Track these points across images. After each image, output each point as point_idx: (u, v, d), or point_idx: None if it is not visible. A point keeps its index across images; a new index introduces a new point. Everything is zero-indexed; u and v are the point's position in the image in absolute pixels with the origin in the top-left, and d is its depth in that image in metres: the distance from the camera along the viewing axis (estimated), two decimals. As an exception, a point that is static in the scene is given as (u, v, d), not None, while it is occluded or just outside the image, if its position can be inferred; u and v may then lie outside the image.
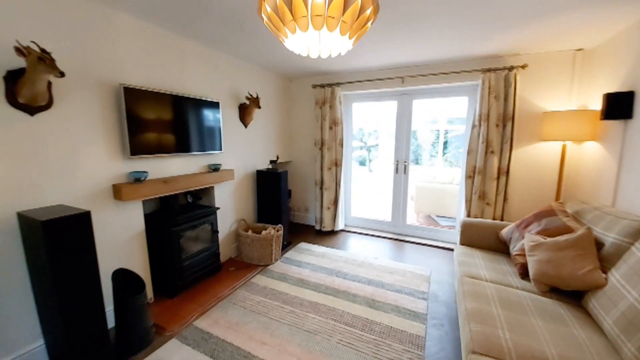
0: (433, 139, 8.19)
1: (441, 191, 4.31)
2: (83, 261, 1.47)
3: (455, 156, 7.97)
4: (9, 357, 1.52)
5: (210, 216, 2.65)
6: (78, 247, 1.44)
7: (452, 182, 4.35)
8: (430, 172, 5.91)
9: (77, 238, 1.44)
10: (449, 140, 8.17)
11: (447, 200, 4.23)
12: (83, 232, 1.46)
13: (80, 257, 1.45)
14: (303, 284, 2.58)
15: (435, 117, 7.31)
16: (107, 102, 1.91)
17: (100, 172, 1.89)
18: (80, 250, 1.45)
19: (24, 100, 1.51)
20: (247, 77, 3.22)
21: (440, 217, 4.47)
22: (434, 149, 8.77)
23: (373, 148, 10.94)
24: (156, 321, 2.02)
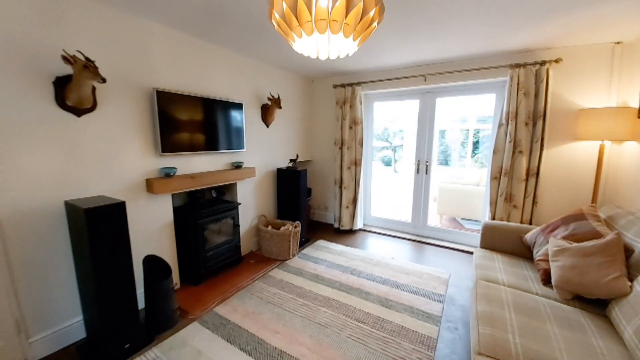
0: (462, 139, 7.85)
1: (467, 193, 4.14)
2: (118, 246, 1.65)
3: (486, 156, 7.59)
4: (51, 330, 1.75)
5: (232, 211, 2.81)
6: (114, 233, 1.63)
7: (479, 184, 4.16)
8: (456, 173, 5.69)
9: (114, 225, 1.62)
10: (479, 139, 7.79)
11: (474, 202, 4.06)
12: (119, 220, 1.64)
13: (116, 242, 1.64)
14: (318, 280, 2.64)
15: (464, 115, 7.01)
16: (142, 105, 2.11)
17: (135, 167, 2.10)
18: (116, 236, 1.64)
19: (72, 103, 1.74)
20: (270, 79, 3.35)
21: (466, 220, 4.30)
22: (464, 149, 8.41)
23: (399, 148, 10.72)
24: (181, 305, 2.20)
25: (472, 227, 4.05)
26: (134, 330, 1.77)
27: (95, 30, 1.83)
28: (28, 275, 1.64)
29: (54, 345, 1.75)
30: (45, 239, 1.69)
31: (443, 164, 8.81)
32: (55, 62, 1.65)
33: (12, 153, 1.55)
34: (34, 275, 1.67)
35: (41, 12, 1.60)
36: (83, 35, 1.77)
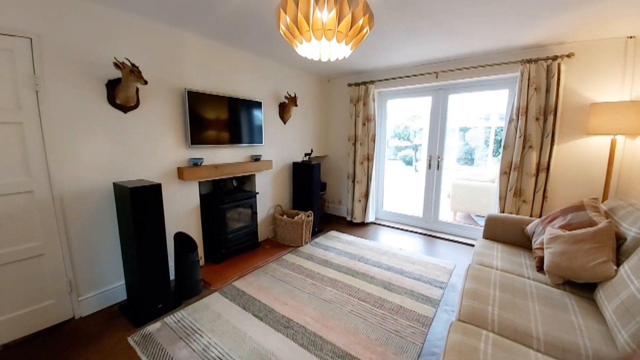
0: (485, 137, 7.65)
1: (481, 189, 4.14)
2: (155, 220, 1.97)
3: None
4: (98, 290, 2.12)
5: (251, 199, 3.10)
6: (152, 210, 1.95)
7: (494, 180, 4.14)
8: (474, 171, 5.62)
9: (152, 202, 1.94)
10: (502, 138, 7.54)
11: (488, 199, 4.05)
12: (156, 199, 1.96)
13: (154, 217, 1.96)
14: (327, 264, 2.85)
15: (487, 112, 6.84)
16: (175, 103, 2.44)
17: (169, 157, 2.44)
18: (154, 212, 1.96)
19: (120, 101, 2.09)
20: (287, 79, 3.61)
21: (480, 217, 4.29)
22: (487, 148, 8.19)
23: (420, 147, 10.59)
24: (204, 278, 2.51)
25: (486, 224, 4.04)
26: (165, 295, 2.09)
27: (140, 41, 2.18)
28: (82, 242, 2.01)
29: (99, 304, 2.12)
30: (97, 213, 2.06)
31: (468, 164, 8.61)
32: (107, 68, 2.01)
33: (74, 142, 1.92)
34: (87, 243, 2.03)
35: (99, 28, 1.96)
36: (130, 45, 2.12)
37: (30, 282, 1.84)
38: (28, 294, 1.83)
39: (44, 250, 1.87)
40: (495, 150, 7.62)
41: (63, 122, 1.86)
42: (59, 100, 1.84)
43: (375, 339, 1.81)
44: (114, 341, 1.81)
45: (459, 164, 8.52)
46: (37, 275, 1.86)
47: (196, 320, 1.98)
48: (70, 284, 1.99)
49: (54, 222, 1.89)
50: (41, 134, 1.80)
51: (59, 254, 1.92)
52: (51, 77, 1.80)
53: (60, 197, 1.89)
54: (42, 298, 1.89)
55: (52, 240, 1.89)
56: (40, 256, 1.86)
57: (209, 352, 1.70)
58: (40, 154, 1.81)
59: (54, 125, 1.83)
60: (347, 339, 1.81)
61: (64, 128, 1.87)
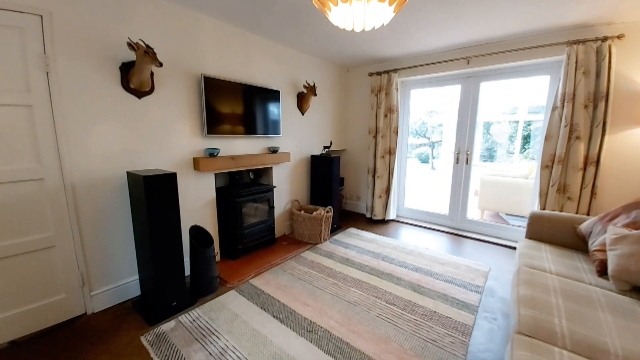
0: (511, 132, 7.23)
1: (513, 186, 3.84)
2: (170, 211, 1.84)
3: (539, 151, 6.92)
4: (111, 285, 2.01)
5: (268, 193, 2.95)
6: (167, 200, 1.81)
7: (528, 176, 3.83)
8: (501, 167, 5.29)
9: (167, 193, 1.81)
10: (530, 133, 7.13)
11: (521, 196, 3.76)
12: (171, 188, 1.83)
13: (169, 208, 1.83)
14: (348, 263, 2.66)
15: (514, 106, 6.44)
16: (191, 89, 2.31)
17: (184, 146, 2.31)
18: (169, 203, 1.83)
19: (134, 86, 1.96)
20: (306, 67, 3.43)
21: (511, 216, 3.99)
22: (512, 144, 7.77)
23: (437, 144, 10.22)
24: (220, 275, 2.37)
25: (517, 224, 3.75)
26: (180, 292, 1.96)
27: (155, 22, 2.05)
28: (94, 234, 1.90)
29: (112, 299, 2.01)
30: (110, 204, 1.94)
31: (488, 161, 8.21)
32: (121, 49, 1.88)
33: (86, 127, 1.81)
34: (99, 235, 1.93)
35: (112, 6, 1.84)
36: (145, 26, 1.99)
37: (40, 275, 1.74)
38: (38, 287, 1.74)
39: (55, 241, 1.77)
40: (522, 146, 7.21)
41: (74, 106, 1.75)
42: (70, 83, 1.73)
43: (410, 349, 1.61)
44: (126, 340, 1.68)
45: (480, 160, 8.12)
46: (48, 268, 1.76)
47: (212, 320, 1.84)
48: (82, 277, 1.89)
49: (65, 213, 1.78)
50: (52, 118, 1.69)
51: (70, 246, 1.82)
52: (62, 57, 1.69)
53: (72, 185, 1.79)
54: (52, 292, 1.79)
55: (64, 232, 1.79)
56: (51, 248, 1.76)
57: (227, 355, 1.55)
58: (51, 139, 1.70)
59: (65, 109, 1.72)
60: (377, 347, 1.62)
61: (76, 112, 1.76)
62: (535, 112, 6.29)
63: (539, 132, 7.19)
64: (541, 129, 7.02)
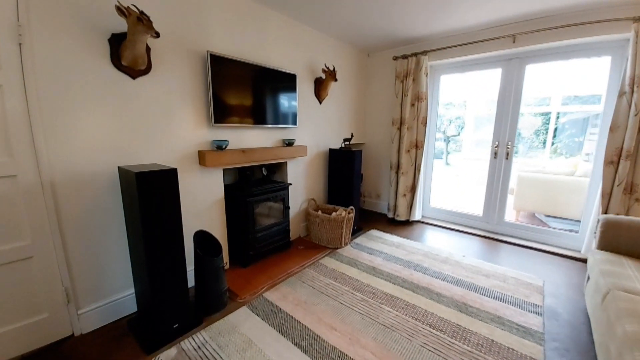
0: (538, 125, 6.70)
1: (556, 184, 3.40)
2: (169, 214, 1.51)
3: (568, 146, 6.39)
4: (103, 301, 1.69)
5: (282, 191, 2.60)
6: (165, 201, 1.48)
7: (573, 173, 3.39)
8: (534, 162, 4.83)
9: (165, 192, 1.48)
10: (559, 126, 6.58)
11: (565, 196, 3.33)
12: (170, 187, 1.50)
13: (167, 210, 1.50)
14: (375, 273, 2.31)
15: (546, 95, 5.87)
16: (195, 69, 1.96)
17: (188, 137, 1.97)
18: (167, 204, 1.49)
19: (127, 62, 1.62)
20: (325, 50, 3.05)
21: (551, 218, 3.57)
22: (537, 138, 7.22)
23: (452, 139, 9.70)
24: (230, 286, 2.05)
25: (559, 226, 3.33)
26: (183, 310, 1.64)
27: (150, -15, 1.70)
28: (80, 241, 1.59)
29: (104, 317, 1.70)
30: (98, 205, 1.62)
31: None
32: (111, 18, 1.54)
33: (68, 113, 1.48)
34: (87, 242, 1.61)
35: (97, -39, 1.49)
36: (137, -11, 1.65)
37: (17, 292, 1.44)
38: (15, 306, 1.44)
39: (33, 251, 1.46)
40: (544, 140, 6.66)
41: (53, 86, 1.42)
42: (48, 58, 1.40)
43: (473, 396, 1.26)
44: (117, 373, 1.38)
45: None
46: (26, 283, 1.46)
47: (221, 347, 1.52)
48: (67, 293, 1.58)
49: (44, 216, 1.47)
50: (25, 101, 1.37)
51: (51, 256, 1.51)
52: (39, 26, 1.36)
53: (52, 184, 1.47)
54: (33, 312, 1.49)
55: (43, 239, 1.48)
56: (28, 259, 1.46)
57: (239, 401, 1.22)
58: (24, 127, 1.38)
59: (42, 90, 1.40)
60: (430, 392, 1.27)
61: (55, 94, 1.43)
62: (569, 103, 5.74)
63: (570, 125, 6.64)
64: (573, 122, 6.42)
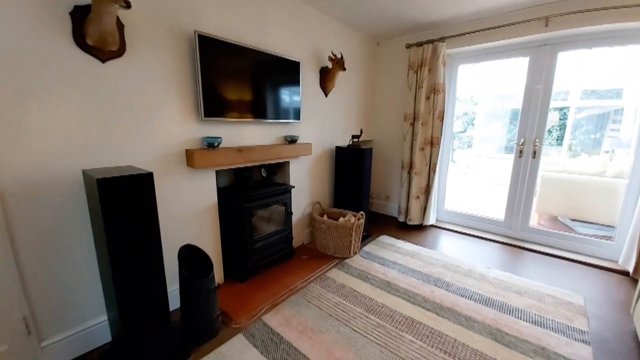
0: (555, 121, 6.37)
1: (584, 186, 3.10)
2: (143, 229, 1.22)
3: (583, 143, 6.06)
4: (71, 331, 1.41)
5: (284, 195, 2.30)
6: (138, 212, 1.19)
7: (603, 173, 3.08)
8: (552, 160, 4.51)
9: (138, 202, 1.18)
10: (576, 122, 6.24)
11: (592, 199, 3.03)
12: (145, 196, 1.20)
13: (141, 223, 1.20)
14: (391, 289, 2.02)
15: (563, 89, 5.52)
16: (181, 52, 1.65)
17: (172, 133, 1.67)
18: (141, 216, 1.20)
19: (93, 41, 1.32)
20: (331, 36, 2.73)
21: (578, 222, 3.26)
22: (550, 135, 6.88)
23: (457, 136, 9.35)
24: (223, 307, 1.77)
25: (588, 232, 3.04)
26: (165, 341, 1.36)
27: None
28: (39, 262, 1.30)
29: (73, 349, 1.42)
30: (60, 218, 1.33)
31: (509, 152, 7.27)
32: (70, -16, 1.24)
33: (20, 104, 1.18)
34: (47, 262, 1.32)
35: None
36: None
37: (-45, 325, 1.15)
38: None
39: (-25, 275, 1.18)
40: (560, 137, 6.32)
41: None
42: (-14, 32, 1.10)
43: None
44: None
45: (504, 153, 7.21)
46: (-31, 313, 1.18)
47: (209, 393, 1.23)
48: (26, 322, 1.29)
49: (-12, 232, 1.18)
50: (-45, 86, 1.07)
51: (3, 279, 1.22)
52: (-30, -11, 1.06)
53: (0, 193, 1.18)
54: (-16, 345, 1.21)
55: (-12, 260, 1.19)
56: (-31, 285, 1.17)
57: None
58: (-44, 120, 1.08)
59: (-22, 72, 1.10)
60: None
61: (2, 82, 1.13)
62: (588, 97, 5.39)
63: (586, 122, 6.28)
64: (588, 118, 6.03)
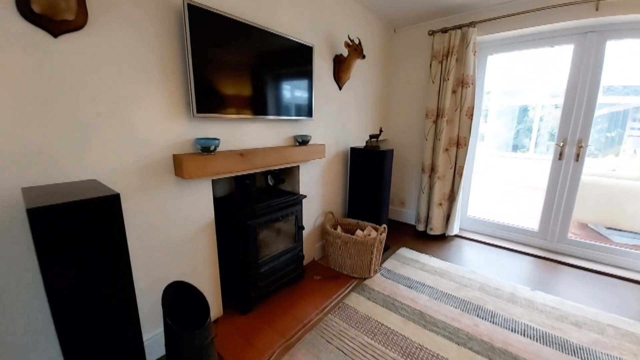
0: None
1: (623, 191, 2.80)
2: (106, 270, 0.85)
3: (599, 143, 5.77)
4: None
5: (294, 207, 1.93)
6: (98, 249, 0.82)
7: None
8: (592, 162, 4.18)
9: (97, 236, 0.81)
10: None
11: (634, 205, 2.72)
12: (107, 227, 0.83)
13: (102, 263, 0.83)
14: (426, 323, 1.67)
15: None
16: (166, 28, 1.27)
17: (156, 135, 1.29)
18: (102, 254, 0.83)
19: (40, 9, 0.93)
20: (346, 20, 2.35)
21: (615, 231, 2.95)
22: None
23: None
24: (221, 351, 1.40)
25: (626, 242, 2.73)
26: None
27: None
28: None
29: None
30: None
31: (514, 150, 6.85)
32: None
33: None
34: (-20, 316, 0.94)
35: None
36: None
37: None
38: None
39: None
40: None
41: None
42: None
43: None
44: None
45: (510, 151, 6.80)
46: None
47: None
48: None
49: None
50: None
51: None
52: None
53: None
54: None
55: None
56: None
57: None
58: None
59: None
60: None
61: None
62: (609, 93, 5.09)
63: (602, 119, 5.97)
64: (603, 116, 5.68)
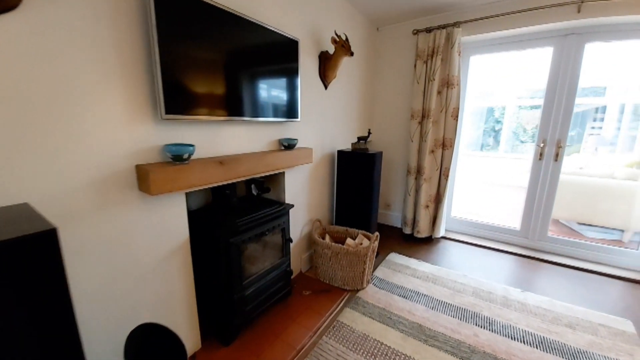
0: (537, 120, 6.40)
1: (596, 189, 2.94)
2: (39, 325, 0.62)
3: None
4: None
5: (281, 218, 1.74)
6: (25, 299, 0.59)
7: (612, 175, 2.94)
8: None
9: (22, 283, 0.58)
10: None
11: (607, 202, 2.88)
12: (38, 271, 0.60)
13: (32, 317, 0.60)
14: (427, 337, 1.58)
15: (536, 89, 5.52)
16: (126, 11, 1.02)
17: (114, 141, 1.05)
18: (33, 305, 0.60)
19: None
20: (331, 15, 2.19)
21: (587, 226, 3.10)
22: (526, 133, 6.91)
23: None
24: (205, 399, 1.19)
25: (594, 236, 2.89)
26: None
27: None
28: None
29: None
30: None
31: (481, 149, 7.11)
32: None
33: None
34: None
35: None
36: None
37: None
38: None
39: None
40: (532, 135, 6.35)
41: None
42: None
43: None
44: None
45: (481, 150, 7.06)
46: None
47: None
48: None
49: None
50: None
51: None
52: None
53: None
54: None
55: None
56: None
57: None
58: None
59: None
60: None
61: None
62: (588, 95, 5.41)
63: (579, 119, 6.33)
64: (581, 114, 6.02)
